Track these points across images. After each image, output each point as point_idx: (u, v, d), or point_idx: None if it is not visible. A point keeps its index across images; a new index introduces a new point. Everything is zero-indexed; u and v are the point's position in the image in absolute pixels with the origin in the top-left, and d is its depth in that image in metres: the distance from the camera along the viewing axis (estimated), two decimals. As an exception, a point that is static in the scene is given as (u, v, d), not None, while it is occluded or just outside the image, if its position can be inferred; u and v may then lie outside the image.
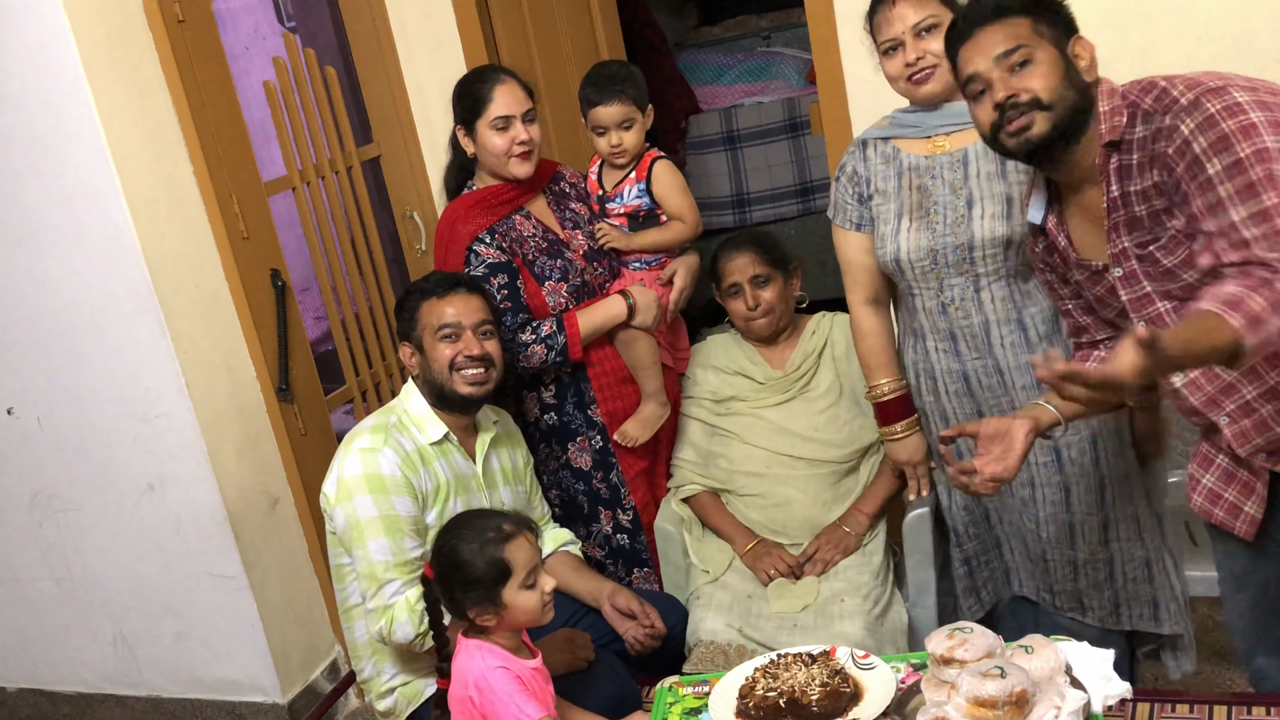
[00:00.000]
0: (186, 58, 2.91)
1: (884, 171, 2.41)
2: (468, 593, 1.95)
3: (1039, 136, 1.82)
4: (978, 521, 2.56)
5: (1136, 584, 2.42)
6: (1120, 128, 1.81)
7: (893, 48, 2.29)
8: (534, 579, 1.97)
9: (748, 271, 2.76)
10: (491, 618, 1.95)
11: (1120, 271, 1.86)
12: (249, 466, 3.09)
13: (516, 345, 2.66)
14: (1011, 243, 2.28)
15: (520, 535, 1.98)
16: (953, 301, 2.36)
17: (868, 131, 2.47)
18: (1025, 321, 2.33)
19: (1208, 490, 1.96)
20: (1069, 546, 2.41)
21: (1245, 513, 1.91)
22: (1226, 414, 1.85)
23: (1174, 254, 1.78)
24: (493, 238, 2.70)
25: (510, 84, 2.69)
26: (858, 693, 1.87)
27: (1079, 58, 1.85)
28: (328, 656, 3.34)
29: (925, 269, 2.36)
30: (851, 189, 2.45)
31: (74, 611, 3.35)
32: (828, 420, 2.78)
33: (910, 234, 2.36)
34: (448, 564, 1.98)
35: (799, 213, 5.16)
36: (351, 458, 2.37)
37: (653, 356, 2.81)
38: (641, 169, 2.82)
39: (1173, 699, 1.97)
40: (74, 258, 2.90)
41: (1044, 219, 1.98)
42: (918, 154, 2.37)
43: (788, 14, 5.59)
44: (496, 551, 1.94)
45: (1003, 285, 2.32)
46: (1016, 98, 1.82)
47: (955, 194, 2.32)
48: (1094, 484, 2.36)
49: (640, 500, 2.87)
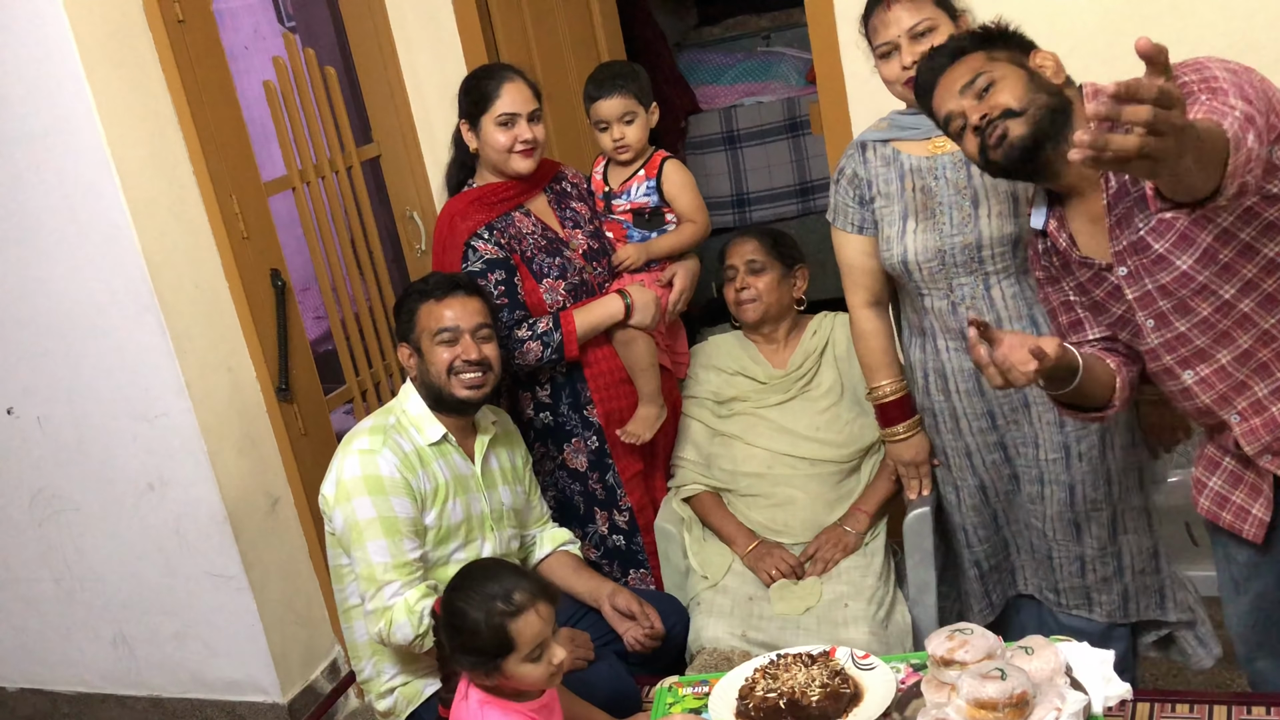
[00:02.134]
0: (186, 58, 2.91)
1: (885, 174, 2.41)
2: (467, 656, 1.89)
3: (1019, 139, 1.85)
4: (987, 523, 2.56)
5: (1145, 575, 2.43)
6: None
7: (889, 51, 2.30)
8: (540, 652, 1.88)
9: (744, 256, 2.80)
10: (488, 681, 1.90)
11: (1125, 270, 1.85)
12: (249, 466, 3.09)
13: (512, 341, 2.66)
14: (1020, 240, 2.28)
15: (531, 609, 1.88)
16: (963, 300, 2.35)
17: (865, 134, 2.47)
18: (1036, 318, 2.32)
19: (1215, 493, 1.96)
20: (1075, 543, 2.41)
21: (1253, 515, 1.91)
22: (1238, 411, 1.84)
23: (1165, 236, 1.76)
24: (491, 234, 2.70)
25: (518, 82, 2.70)
26: (858, 693, 1.87)
27: (1042, 67, 1.91)
28: (328, 656, 3.35)
29: (934, 270, 2.35)
30: (852, 192, 2.44)
31: (74, 611, 3.35)
32: (829, 420, 2.78)
33: (917, 236, 2.36)
34: (450, 623, 1.92)
35: (799, 213, 5.16)
36: (350, 459, 2.37)
37: (651, 359, 2.80)
38: (651, 167, 2.83)
39: (1173, 699, 1.97)
40: (74, 258, 2.90)
41: (1045, 223, 1.99)
42: (918, 155, 2.37)
43: (788, 14, 5.58)
44: (502, 623, 1.85)
45: (1013, 282, 2.32)
46: (989, 115, 1.88)
47: (960, 194, 2.32)
48: (1101, 478, 2.36)
49: (637, 502, 2.86)
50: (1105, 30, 2.77)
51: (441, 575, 2.42)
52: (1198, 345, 1.82)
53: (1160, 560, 2.44)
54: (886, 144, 2.42)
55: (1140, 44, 1.37)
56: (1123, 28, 2.75)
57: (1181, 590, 2.47)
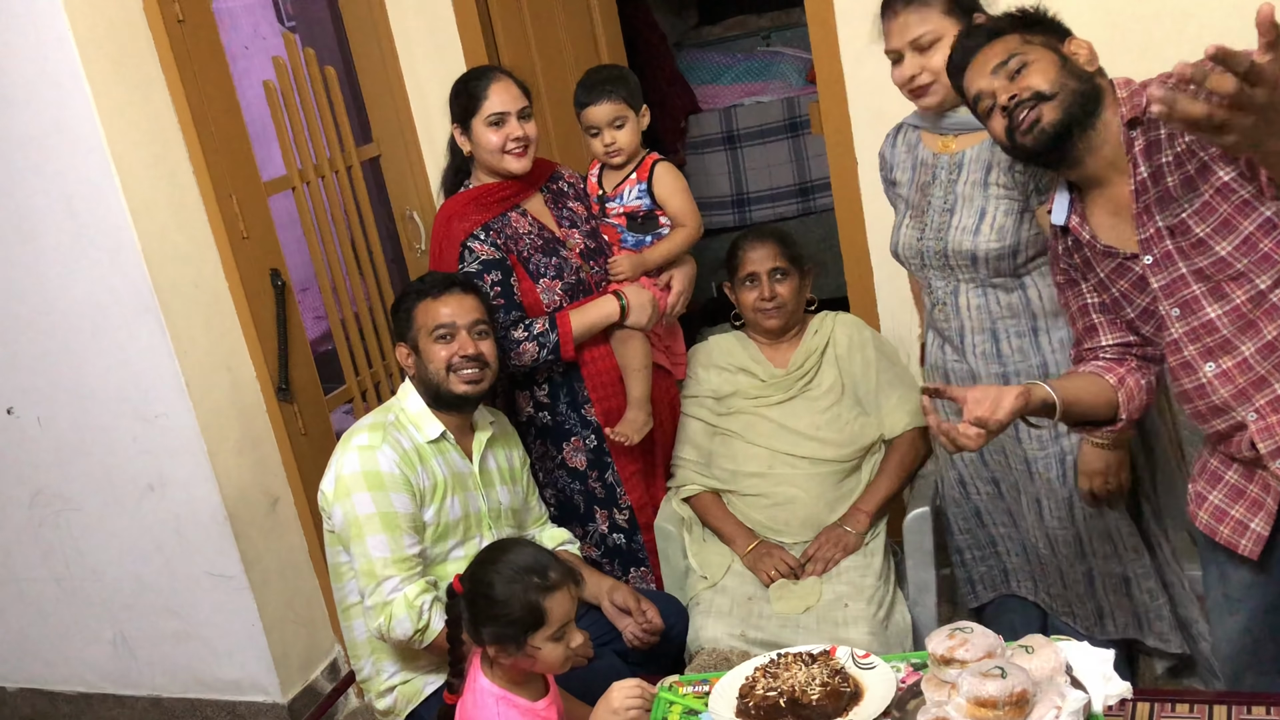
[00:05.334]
0: (186, 58, 2.91)
1: (905, 161, 2.46)
2: (495, 628, 1.91)
3: (1051, 125, 1.84)
4: (967, 517, 2.58)
5: (1117, 596, 2.42)
6: (1142, 106, 1.81)
7: (895, 59, 2.31)
8: (564, 632, 1.93)
9: (767, 263, 2.78)
10: (509, 658, 1.93)
11: (1150, 258, 1.84)
12: (249, 466, 3.09)
13: (508, 342, 2.67)
14: (976, 258, 2.28)
15: (564, 587, 1.93)
16: (938, 302, 2.40)
17: (908, 116, 2.49)
18: (999, 332, 2.33)
19: (1214, 507, 1.93)
20: (1052, 555, 2.43)
21: (1251, 530, 1.87)
22: (1255, 409, 1.81)
23: (1207, 221, 1.75)
24: (487, 234, 2.70)
25: (505, 81, 2.71)
26: (858, 692, 1.86)
27: (1075, 54, 1.89)
28: (328, 656, 3.35)
29: (916, 266, 2.41)
30: (882, 172, 2.55)
31: (74, 611, 3.35)
32: (830, 419, 2.78)
33: (906, 230, 2.41)
34: (481, 594, 1.93)
35: (799, 212, 5.16)
36: (350, 455, 2.37)
37: (643, 361, 2.80)
38: (643, 170, 2.82)
39: (1173, 699, 1.96)
40: (74, 258, 2.90)
41: (1066, 218, 1.97)
42: (930, 150, 2.40)
43: (788, 14, 5.59)
44: (537, 599, 1.90)
45: (979, 293, 2.33)
46: (1019, 96, 1.86)
47: (945, 198, 2.35)
48: (1063, 500, 2.36)
49: (637, 500, 2.86)
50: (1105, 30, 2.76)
51: (440, 573, 2.43)
52: (1223, 335, 1.80)
53: (1134, 588, 2.42)
54: (915, 130, 2.45)
55: (1261, 12, 1.35)
56: (1123, 28, 2.75)
57: (1162, 621, 2.43)
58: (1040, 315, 2.31)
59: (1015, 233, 2.24)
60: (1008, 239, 2.24)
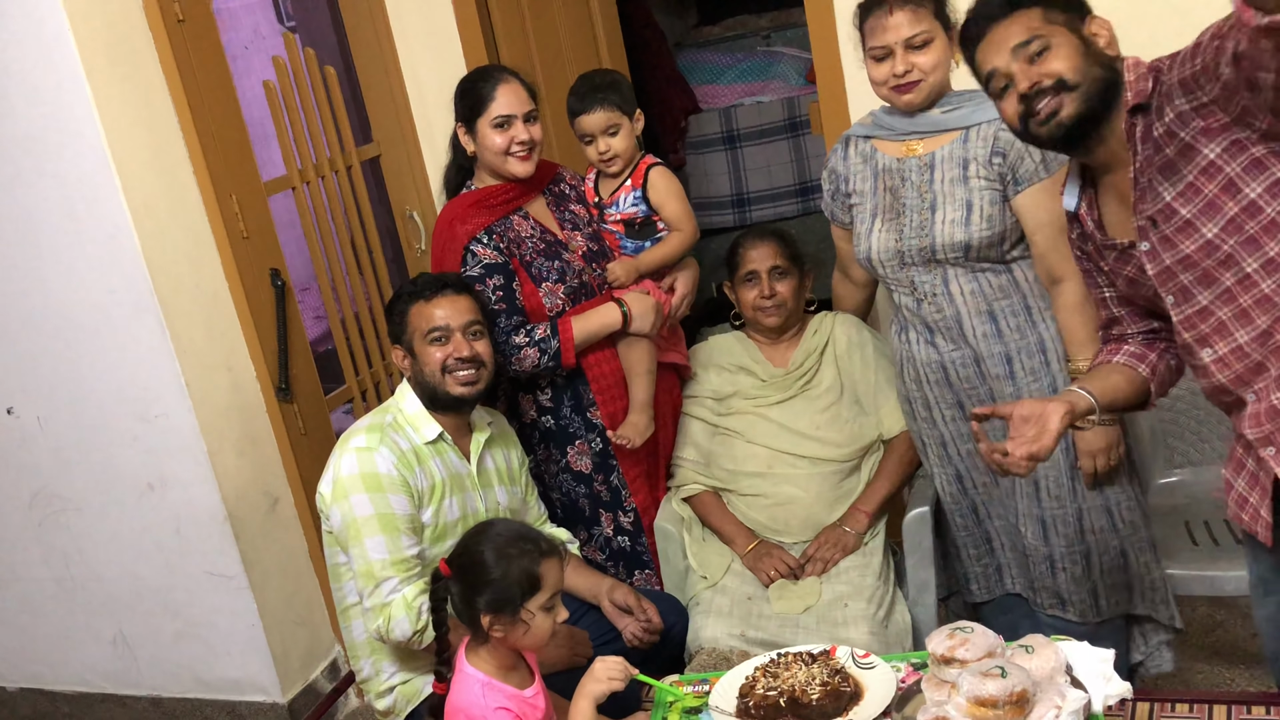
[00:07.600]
0: (186, 58, 2.91)
1: (862, 171, 2.50)
2: (491, 598, 1.92)
3: (1070, 118, 1.79)
4: (965, 513, 2.61)
5: (1113, 573, 2.45)
6: (1146, 92, 1.77)
7: (882, 56, 2.32)
8: (554, 603, 1.96)
9: (767, 261, 2.79)
10: (504, 630, 1.94)
11: (1146, 246, 1.82)
12: (249, 466, 3.09)
13: (509, 348, 2.65)
14: (970, 247, 2.34)
15: (554, 555, 1.98)
16: (926, 296, 2.43)
17: (853, 128, 2.55)
18: (996, 313, 2.38)
19: (1238, 495, 1.91)
20: (1044, 543, 2.45)
21: (1261, 516, 1.86)
22: (1254, 391, 1.80)
23: (1193, 202, 1.73)
24: (490, 238, 2.69)
25: (513, 84, 2.69)
26: (858, 692, 1.87)
27: (1097, 36, 1.82)
28: (328, 656, 3.34)
29: (895, 268, 2.44)
30: (829, 184, 2.59)
31: (74, 611, 3.35)
32: (830, 419, 2.78)
33: (880, 235, 2.44)
34: (476, 565, 1.95)
35: (799, 212, 5.16)
36: (347, 456, 2.37)
37: (647, 365, 2.79)
38: (637, 176, 2.81)
39: (1173, 699, 1.97)
40: (74, 258, 2.90)
41: (1076, 205, 1.94)
42: (891, 156, 2.44)
43: (788, 14, 5.58)
44: (532, 565, 1.94)
45: (970, 278, 2.38)
46: (1040, 84, 1.80)
47: (921, 198, 2.38)
48: (1064, 474, 2.39)
49: (641, 503, 2.86)
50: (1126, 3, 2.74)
51: (440, 574, 2.43)
52: (1217, 319, 1.79)
53: (1129, 559, 2.45)
54: (867, 140, 2.49)
55: None
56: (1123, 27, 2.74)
57: (1151, 590, 2.47)
58: (1030, 295, 2.39)
59: (1001, 220, 2.33)
60: (996, 226, 2.33)
